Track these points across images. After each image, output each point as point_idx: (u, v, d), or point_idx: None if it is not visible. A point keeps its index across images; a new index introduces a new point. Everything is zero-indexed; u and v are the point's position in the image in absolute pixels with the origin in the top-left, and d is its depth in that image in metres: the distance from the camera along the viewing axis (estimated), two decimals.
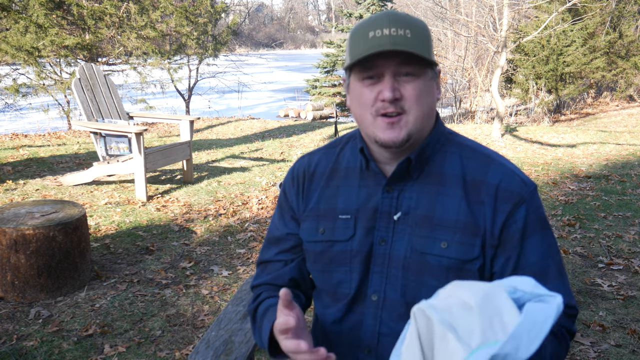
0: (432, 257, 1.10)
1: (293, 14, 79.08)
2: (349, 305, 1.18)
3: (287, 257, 1.28)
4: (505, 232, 1.10)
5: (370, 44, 1.05)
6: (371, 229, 1.16)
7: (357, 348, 1.16)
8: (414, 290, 1.11)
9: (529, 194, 1.11)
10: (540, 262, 1.10)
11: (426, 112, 1.12)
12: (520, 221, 1.09)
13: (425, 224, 1.12)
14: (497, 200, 1.10)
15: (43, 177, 5.67)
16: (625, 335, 2.75)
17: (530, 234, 1.10)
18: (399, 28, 1.05)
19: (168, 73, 12.79)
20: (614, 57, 18.24)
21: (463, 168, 1.14)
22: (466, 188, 1.12)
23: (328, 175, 1.25)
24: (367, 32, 1.07)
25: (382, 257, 1.14)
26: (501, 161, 1.16)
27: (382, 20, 1.07)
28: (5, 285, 3.03)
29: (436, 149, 1.17)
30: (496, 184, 1.11)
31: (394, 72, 1.07)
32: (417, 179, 1.15)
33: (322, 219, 1.21)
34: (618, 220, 4.62)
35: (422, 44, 1.07)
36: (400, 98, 1.08)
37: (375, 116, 1.10)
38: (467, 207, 1.11)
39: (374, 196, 1.17)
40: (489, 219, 1.10)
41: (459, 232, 1.10)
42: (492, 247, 1.10)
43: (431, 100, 1.13)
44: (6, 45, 9.32)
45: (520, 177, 1.13)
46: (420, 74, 1.09)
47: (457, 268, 1.09)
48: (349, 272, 1.17)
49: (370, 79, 1.09)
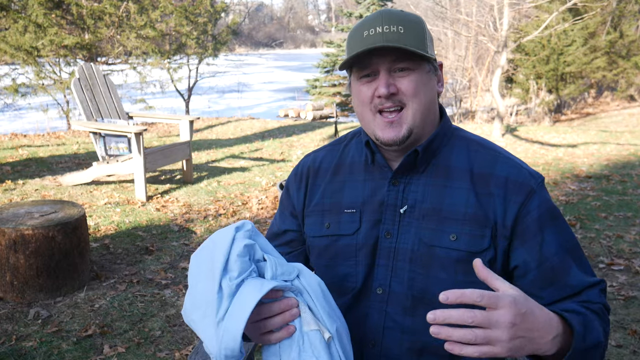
0: (441, 249, 1.10)
1: (293, 14, 79.10)
2: (354, 299, 1.18)
3: (284, 250, 1.29)
4: (521, 223, 1.10)
5: (364, 43, 1.08)
6: (377, 222, 1.16)
7: (361, 342, 1.16)
8: (421, 283, 1.11)
9: (538, 186, 1.12)
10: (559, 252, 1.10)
11: (426, 105, 1.12)
12: (534, 212, 1.10)
13: (433, 216, 1.12)
14: (507, 191, 1.10)
15: (42, 177, 5.66)
16: (626, 335, 2.74)
17: (546, 224, 1.10)
18: (391, 25, 1.08)
19: (168, 73, 12.79)
20: (614, 57, 18.24)
21: (470, 161, 1.15)
22: (474, 180, 1.13)
23: (333, 170, 1.26)
24: (362, 31, 1.10)
25: (388, 250, 1.15)
26: (508, 155, 1.17)
27: (376, 19, 1.09)
28: (5, 285, 3.02)
29: (443, 142, 1.18)
30: (505, 176, 1.12)
31: (389, 68, 1.09)
32: (424, 172, 1.16)
33: (328, 214, 1.22)
34: (619, 221, 4.61)
35: (415, 38, 1.08)
36: (396, 92, 1.09)
37: (375, 113, 1.12)
38: (476, 199, 1.11)
39: (379, 189, 1.17)
40: (499, 210, 1.10)
41: (467, 224, 1.10)
42: (504, 238, 1.10)
43: (431, 93, 1.14)
44: (5, 45, 9.32)
45: (527, 169, 1.14)
46: (416, 67, 1.10)
47: (466, 260, 1.09)
48: (355, 265, 1.17)
49: (367, 77, 1.11)
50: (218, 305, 0.96)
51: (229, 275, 0.96)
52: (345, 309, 1.18)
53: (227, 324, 0.94)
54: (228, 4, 17.28)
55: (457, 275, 1.09)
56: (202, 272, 1.01)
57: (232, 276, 0.96)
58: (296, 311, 0.98)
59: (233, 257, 0.97)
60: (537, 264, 1.09)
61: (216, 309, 0.96)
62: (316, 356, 0.97)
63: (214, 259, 0.99)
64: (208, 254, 1.01)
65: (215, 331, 0.96)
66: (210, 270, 0.98)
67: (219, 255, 0.98)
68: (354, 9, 17.93)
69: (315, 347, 0.97)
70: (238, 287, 0.96)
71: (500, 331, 0.84)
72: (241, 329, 0.92)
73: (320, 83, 18.73)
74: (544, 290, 1.10)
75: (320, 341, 0.98)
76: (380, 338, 1.14)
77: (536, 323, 0.87)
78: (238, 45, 35.94)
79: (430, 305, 1.10)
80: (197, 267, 1.03)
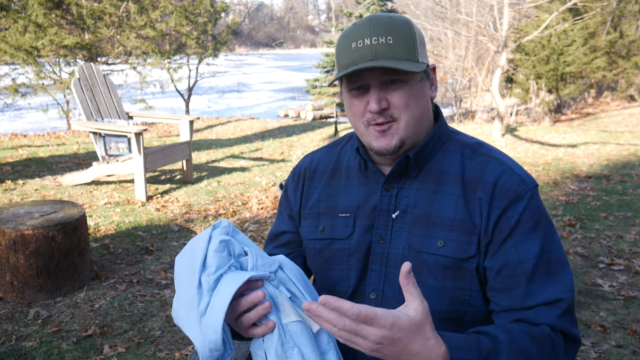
0: (429, 255, 1.09)
1: (293, 14, 79.09)
2: None
3: (282, 252, 1.30)
4: (498, 228, 1.08)
5: (353, 56, 1.07)
6: (370, 227, 1.16)
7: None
8: None
9: (528, 192, 1.09)
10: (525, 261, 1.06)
11: (418, 116, 1.12)
12: (513, 218, 1.07)
13: (423, 222, 1.11)
14: (493, 197, 1.09)
15: (42, 177, 5.66)
16: (626, 335, 2.74)
17: (523, 231, 1.07)
18: (380, 36, 1.06)
19: (168, 73, 12.79)
20: (614, 57, 18.24)
21: (463, 167, 1.14)
22: (465, 186, 1.11)
23: (330, 173, 1.26)
24: (350, 42, 1.09)
25: (381, 256, 1.14)
26: (501, 159, 1.14)
27: (364, 29, 1.07)
28: (5, 285, 3.02)
29: (437, 147, 1.17)
30: (494, 181, 1.10)
31: (379, 81, 1.08)
32: (416, 177, 1.15)
33: (323, 217, 1.22)
34: (619, 221, 4.61)
35: (405, 49, 1.07)
36: (387, 107, 1.09)
37: (367, 126, 1.12)
38: (464, 205, 1.10)
39: (373, 195, 1.17)
40: (484, 216, 1.08)
41: (455, 231, 1.09)
42: (486, 244, 1.08)
43: (423, 102, 1.13)
44: (5, 45, 9.31)
45: (519, 174, 1.11)
46: (407, 79, 1.09)
47: (453, 267, 1.08)
48: (347, 269, 1.17)
49: (357, 90, 1.11)
50: (199, 300, 0.98)
51: (207, 271, 0.99)
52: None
53: (208, 318, 0.97)
54: (228, 4, 17.28)
55: (445, 281, 1.08)
56: (184, 273, 1.04)
57: (210, 272, 0.99)
58: (268, 304, 0.99)
59: (210, 253, 1.00)
60: (499, 268, 1.07)
61: (197, 304, 0.98)
62: (298, 346, 0.98)
63: (193, 258, 1.02)
64: (189, 255, 1.05)
65: (198, 327, 0.98)
66: (191, 269, 1.02)
67: (197, 253, 1.01)
68: (354, 9, 17.93)
69: (297, 337, 0.99)
70: (217, 282, 0.99)
71: (364, 342, 0.86)
72: (220, 321, 0.94)
73: (320, 83, 18.72)
74: (500, 296, 1.07)
75: (302, 331, 0.99)
76: None
77: (407, 351, 0.87)
78: (238, 45, 35.95)
79: None
80: (180, 269, 1.06)
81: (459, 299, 1.09)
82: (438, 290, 1.08)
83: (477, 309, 1.10)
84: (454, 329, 1.09)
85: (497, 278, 1.07)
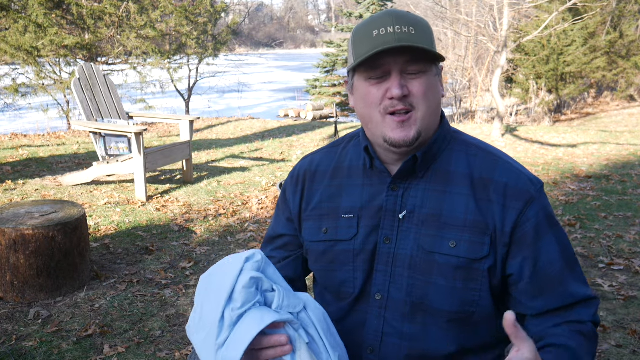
0: (441, 256, 1.09)
1: (293, 14, 79.09)
2: (352, 304, 1.17)
3: (280, 254, 1.29)
4: (519, 231, 1.09)
5: (375, 42, 1.05)
6: (375, 228, 1.15)
7: (360, 347, 1.16)
8: (421, 289, 1.10)
9: (537, 192, 1.11)
10: (555, 261, 1.09)
11: (433, 109, 1.12)
12: (533, 219, 1.09)
13: (433, 222, 1.11)
14: (506, 198, 1.09)
15: (42, 177, 5.66)
16: (626, 335, 2.74)
17: (544, 232, 1.09)
18: (403, 25, 1.05)
19: (168, 73, 12.79)
20: (614, 57, 18.23)
21: (470, 166, 1.14)
22: (474, 186, 1.11)
23: (331, 174, 1.24)
24: (371, 30, 1.07)
25: (387, 256, 1.14)
26: (508, 160, 1.16)
27: (386, 19, 1.06)
28: (5, 285, 3.02)
29: (442, 147, 1.16)
30: (505, 182, 1.10)
31: (401, 69, 1.07)
32: (423, 177, 1.14)
33: (325, 219, 1.21)
34: (619, 221, 4.61)
35: (427, 40, 1.07)
36: (408, 95, 1.07)
37: (384, 114, 1.09)
38: (475, 206, 1.10)
39: (378, 195, 1.16)
40: (498, 217, 1.09)
41: (467, 231, 1.09)
42: (503, 245, 1.09)
43: (437, 96, 1.13)
44: (5, 45, 9.31)
45: (527, 175, 1.13)
46: (427, 70, 1.09)
47: (466, 267, 1.08)
48: (353, 271, 1.16)
49: (376, 78, 1.09)
50: (218, 334, 0.98)
51: (232, 306, 0.99)
52: (344, 314, 1.18)
53: (225, 353, 0.97)
54: (228, 4, 17.29)
55: (455, 282, 1.09)
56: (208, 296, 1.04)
57: (235, 307, 0.98)
58: (289, 348, 0.99)
59: (238, 288, 0.99)
60: (531, 273, 1.08)
61: (216, 336, 0.98)
62: None
63: (220, 287, 1.01)
64: (216, 280, 1.04)
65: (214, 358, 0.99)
66: (216, 296, 1.01)
67: (226, 284, 1.00)
68: (354, 9, 17.94)
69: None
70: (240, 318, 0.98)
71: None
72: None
73: (320, 83, 18.73)
74: (535, 300, 1.09)
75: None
76: (379, 344, 1.14)
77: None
78: (238, 45, 35.95)
79: (429, 311, 1.10)
80: (204, 290, 1.06)
81: (469, 300, 1.09)
82: (449, 291, 1.08)
83: (486, 309, 1.11)
84: (462, 330, 1.10)
85: (528, 281, 1.09)
